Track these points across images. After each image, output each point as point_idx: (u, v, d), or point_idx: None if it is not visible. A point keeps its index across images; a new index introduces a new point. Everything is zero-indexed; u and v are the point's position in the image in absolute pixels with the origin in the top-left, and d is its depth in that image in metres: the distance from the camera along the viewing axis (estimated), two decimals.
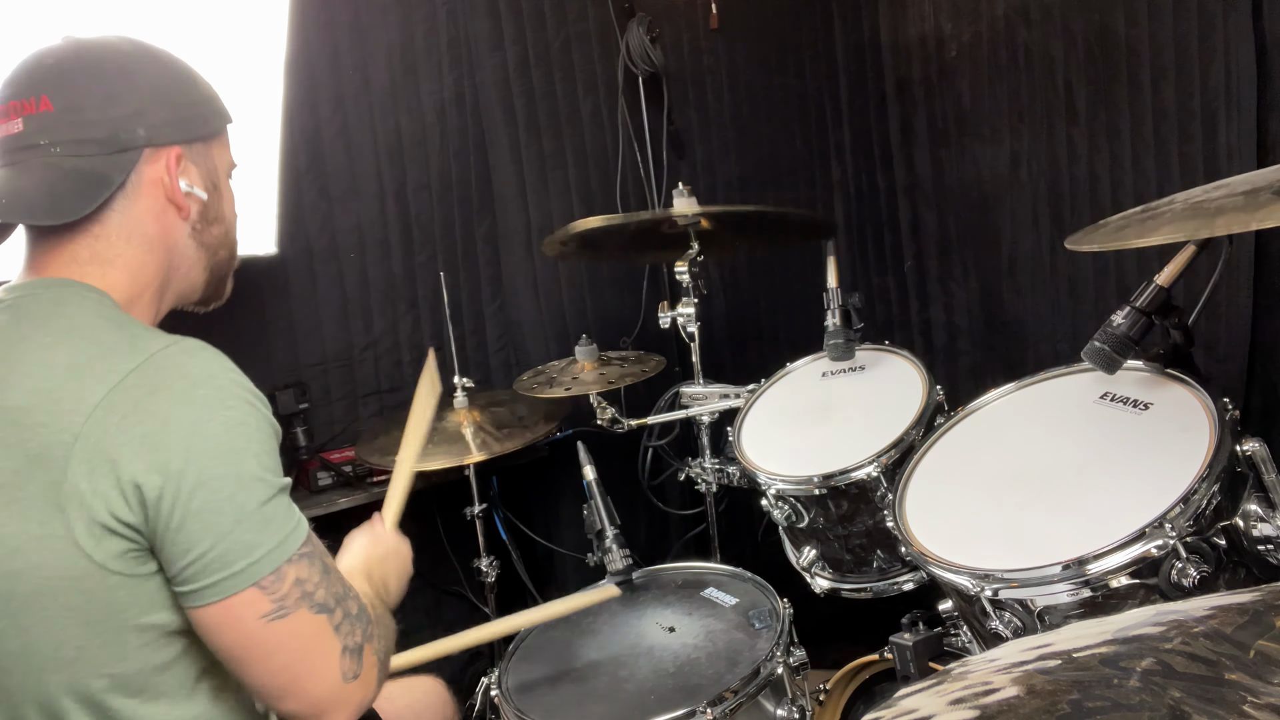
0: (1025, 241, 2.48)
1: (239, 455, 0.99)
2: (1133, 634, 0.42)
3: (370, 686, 1.10)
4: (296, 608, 1.01)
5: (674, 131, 2.66)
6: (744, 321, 2.77)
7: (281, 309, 2.33)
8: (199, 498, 0.96)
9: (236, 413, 1.00)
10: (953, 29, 2.57)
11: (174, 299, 1.19)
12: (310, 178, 2.32)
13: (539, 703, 1.53)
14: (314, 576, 1.03)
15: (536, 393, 2.14)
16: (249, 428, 1.01)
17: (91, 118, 1.06)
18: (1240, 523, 1.19)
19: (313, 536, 1.06)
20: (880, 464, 1.64)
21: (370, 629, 1.11)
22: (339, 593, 1.06)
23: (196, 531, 0.96)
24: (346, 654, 1.06)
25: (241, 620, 0.99)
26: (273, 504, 1.01)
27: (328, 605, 1.04)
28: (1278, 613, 0.42)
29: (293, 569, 1.01)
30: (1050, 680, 0.39)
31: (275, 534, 1.00)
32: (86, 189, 1.06)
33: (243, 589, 0.98)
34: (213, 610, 0.99)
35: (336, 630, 1.05)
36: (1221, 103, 1.93)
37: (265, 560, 0.99)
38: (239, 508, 0.98)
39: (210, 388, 1.00)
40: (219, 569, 0.97)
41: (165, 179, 1.11)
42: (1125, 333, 1.33)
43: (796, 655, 1.55)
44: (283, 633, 1.01)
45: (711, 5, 2.70)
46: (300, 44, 2.27)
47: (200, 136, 1.15)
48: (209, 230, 1.18)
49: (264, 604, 0.99)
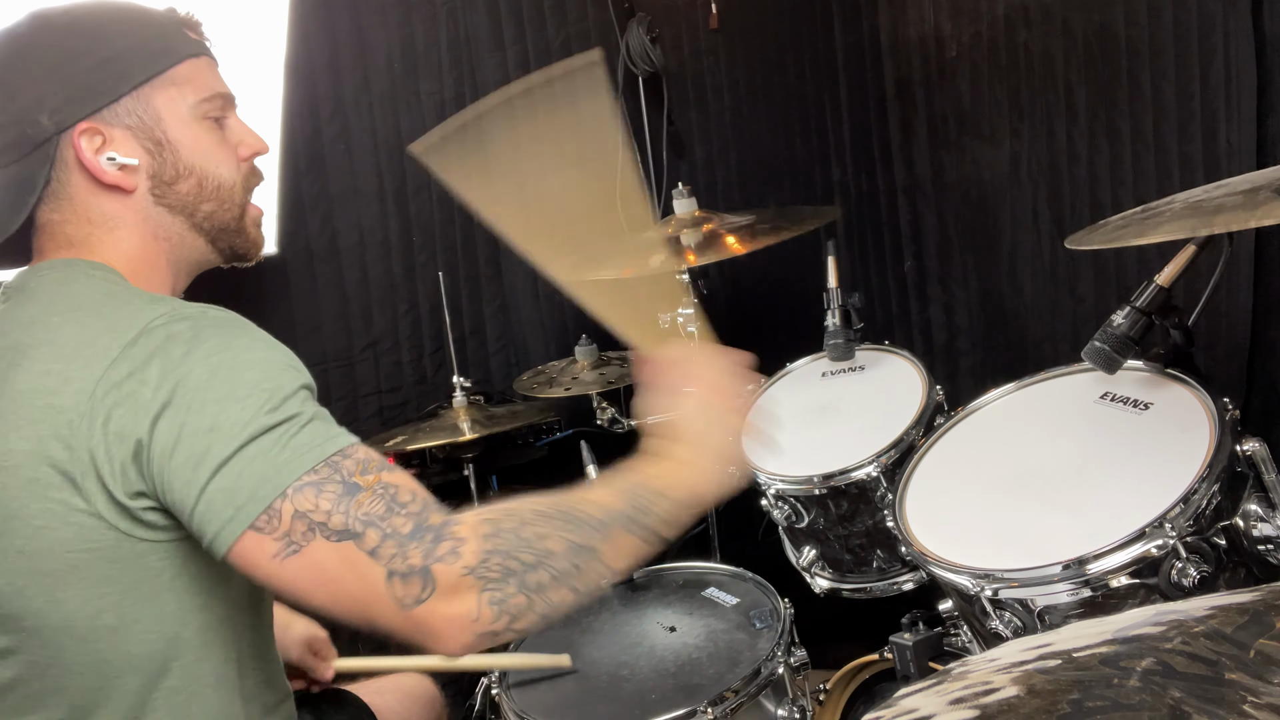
0: (1025, 241, 2.48)
1: (220, 403, 0.94)
2: (1133, 634, 0.42)
3: (464, 605, 0.94)
4: (308, 540, 0.94)
5: (674, 131, 2.65)
6: (744, 321, 2.76)
7: (281, 309, 2.33)
8: (179, 453, 0.93)
9: (223, 357, 0.95)
10: (953, 29, 2.57)
11: (189, 268, 1.14)
12: (310, 178, 2.32)
13: (539, 702, 1.53)
14: (323, 504, 0.94)
15: (536, 393, 2.14)
16: (238, 370, 0.95)
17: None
18: (1240, 523, 1.19)
19: (342, 457, 0.97)
20: (880, 464, 1.64)
21: (448, 545, 0.95)
22: (374, 513, 0.95)
23: (181, 487, 0.93)
24: (396, 579, 0.93)
25: (257, 565, 0.95)
26: (261, 441, 0.94)
27: (349, 530, 0.94)
28: (1278, 613, 0.42)
29: (290, 502, 0.93)
30: (1050, 680, 0.39)
31: (261, 471, 0.93)
32: (12, 201, 1.03)
33: (239, 535, 0.93)
34: (230, 560, 0.95)
35: (374, 555, 0.94)
36: (1221, 103, 1.93)
37: (252, 502, 0.93)
38: (217, 456, 0.93)
39: (199, 343, 0.96)
40: (212, 520, 0.94)
41: (80, 161, 1.03)
42: (1125, 333, 1.33)
43: (797, 655, 1.55)
44: (304, 566, 0.94)
45: (711, 5, 2.70)
46: (300, 45, 2.27)
47: (119, 94, 1.03)
48: (172, 191, 1.08)
49: (269, 544, 0.94)
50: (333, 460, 0.96)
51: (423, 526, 0.96)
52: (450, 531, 0.96)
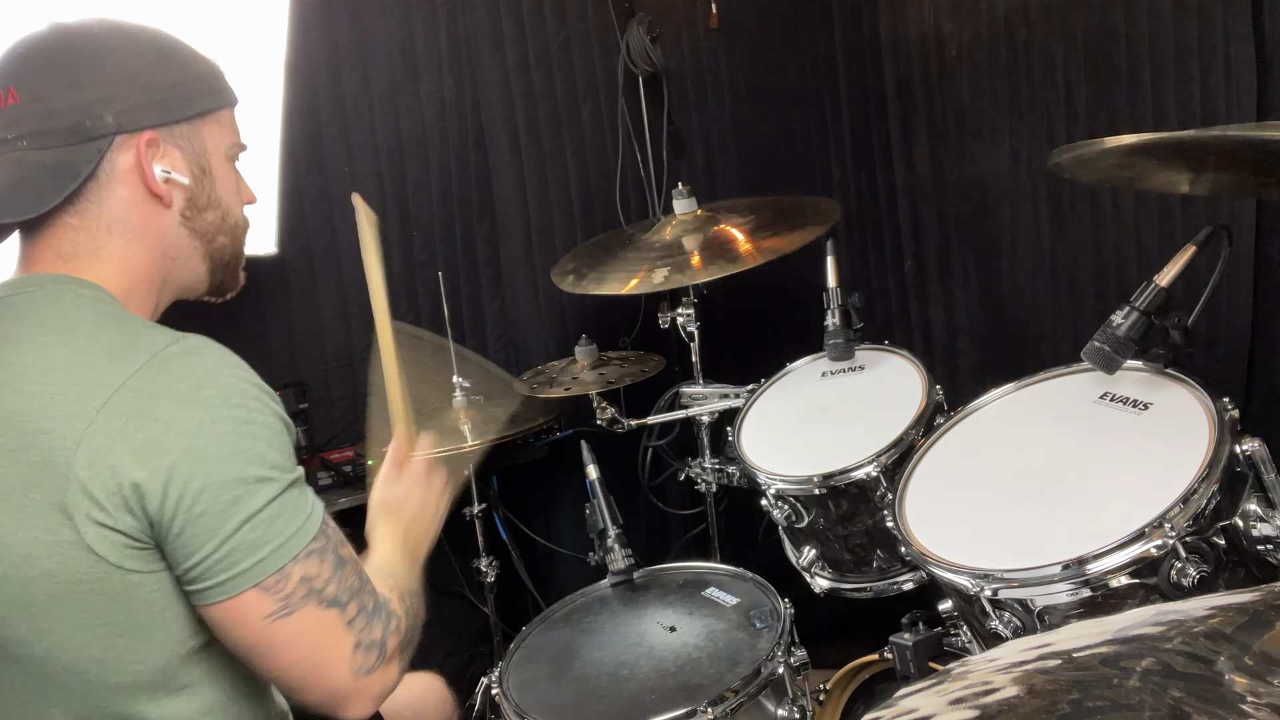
0: (1025, 241, 2.47)
1: (243, 457, 0.97)
2: (1133, 634, 0.42)
3: (390, 677, 1.09)
4: (302, 605, 0.99)
5: (674, 131, 2.65)
6: (744, 321, 2.76)
7: (281, 309, 2.33)
8: (202, 502, 0.95)
9: (242, 411, 0.98)
10: (953, 29, 2.57)
11: (175, 291, 1.16)
12: (310, 178, 2.32)
13: (539, 702, 1.53)
14: (323, 572, 1.01)
15: (536, 393, 2.14)
16: (256, 425, 0.99)
17: (56, 107, 1.02)
18: (1240, 523, 1.19)
19: (327, 528, 1.04)
20: (880, 464, 1.64)
21: (394, 622, 1.09)
22: (353, 585, 1.04)
23: (200, 535, 0.95)
24: (361, 649, 1.04)
25: (246, 620, 0.99)
26: (279, 501, 0.99)
27: (338, 600, 1.02)
28: (1278, 613, 0.42)
29: (299, 567, 0.99)
30: (1050, 680, 0.39)
31: (280, 533, 0.98)
32: (50, 182, 1.03)
33: (245, 590, 0.97)
34: (218, 609, 0.98)
35: (349, 625, 1.03)
36: (1221, 103, 1.93)
37: (268, 560, 0.97)
38: (243, 510, 0.96)
39: (214, 387, 0.98)
40: (222, 570, 0.96)
41: (139, 166, 1.06)
42: (1125, 333, 1.33)
43: (797, 655, 1.55)
44: (290, 630, 1.00)
45: (711, 5, 2.70)
46: (300, 44, 2.27)
47: (183, 118, 1.09)
48: (201, 217, 1.13)
49: (268, 604, 0.98)
50: (324, 528, 1.04)
51: (380, 602, 1.08)
52: (391, 608, 1.11)
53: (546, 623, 1.76)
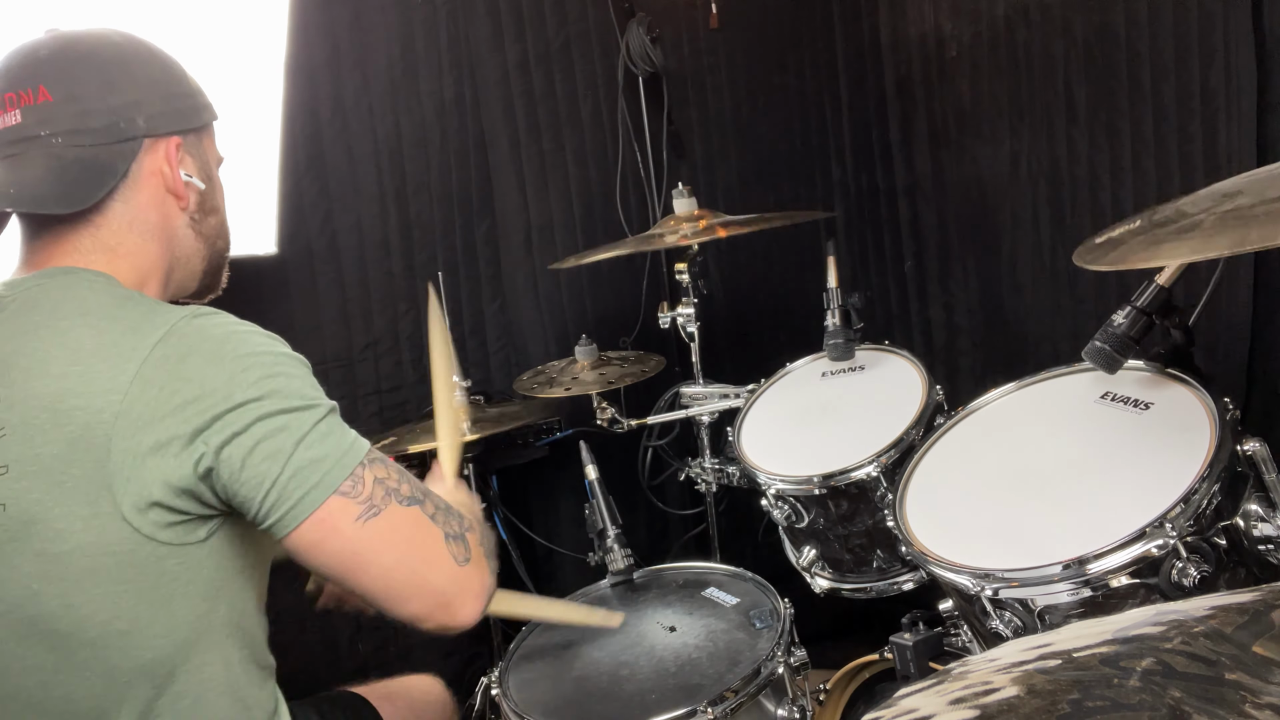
0: (1025, 241, 2.48)
1: (280, 389, 1.01)
2: (1133, 634, 0.42)
3: (484, 573, 1.13)
4: (386, 503, 1.04)
5: (674, 131, 2.65)
6: (744, 321, 2.76)
7: (281, 309, 2.33)
8: (253, 435, 0.98)
9: (266, 357, 1.03)
10: (953, 29, 2.57)
11: (175, 290, 1.21)
12: (310, 178, 2.32)
13: (539, 702, 1.52)
14: (392, 475, 1.06)
15: (536, 393, 2.14)
16: (283, 363, 1.03)
17: (91, 107, 1.07)
18: (1240, 523, 1.19)
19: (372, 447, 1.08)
20: (880, 464, 1.64)
21: (465, 520, 1.14)
22: (422, 487, 1.10)
23: (263, 466, 0.99)
24: (451, 540, 1.09)
25: (338, 529, 1.02)
26: (327, 420, 1.03)
27: (416, 497, 1.07)
28: (1278, 612, 0.42)
29: (369, 471, 1.04)
30: (1050, 680, 0.39)
31: (338, 444, 1.03)
32: (93, 178, 1.07)
33: (325, 499, 1.01)
34: (306, 529, 1.01)
35: (434, 519, 1.08)
36: (1221, 103, 1.93)
37: (338, 467, 1.02)
38: (295, 431, 1.00)
39: (235, 340, 1.02)
40: (296, 488, 1.00)
41: (165, 169, 1.13)
42: (1126, 332, 1.33)
43: (797, 655, 1.55)
44: (382, 529, 1.03)
45: (711, 5, 2.70)
46: (300, 44, 2.27)
47: (194, 127, 1.17)
48: (206, 220, 1.20)
49: (353, 507, 1.02)
50: (373, 448, 1.08)
51: (449, 506, 1.13)
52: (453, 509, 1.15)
53: (546, 623, 1.76)
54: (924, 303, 2.84)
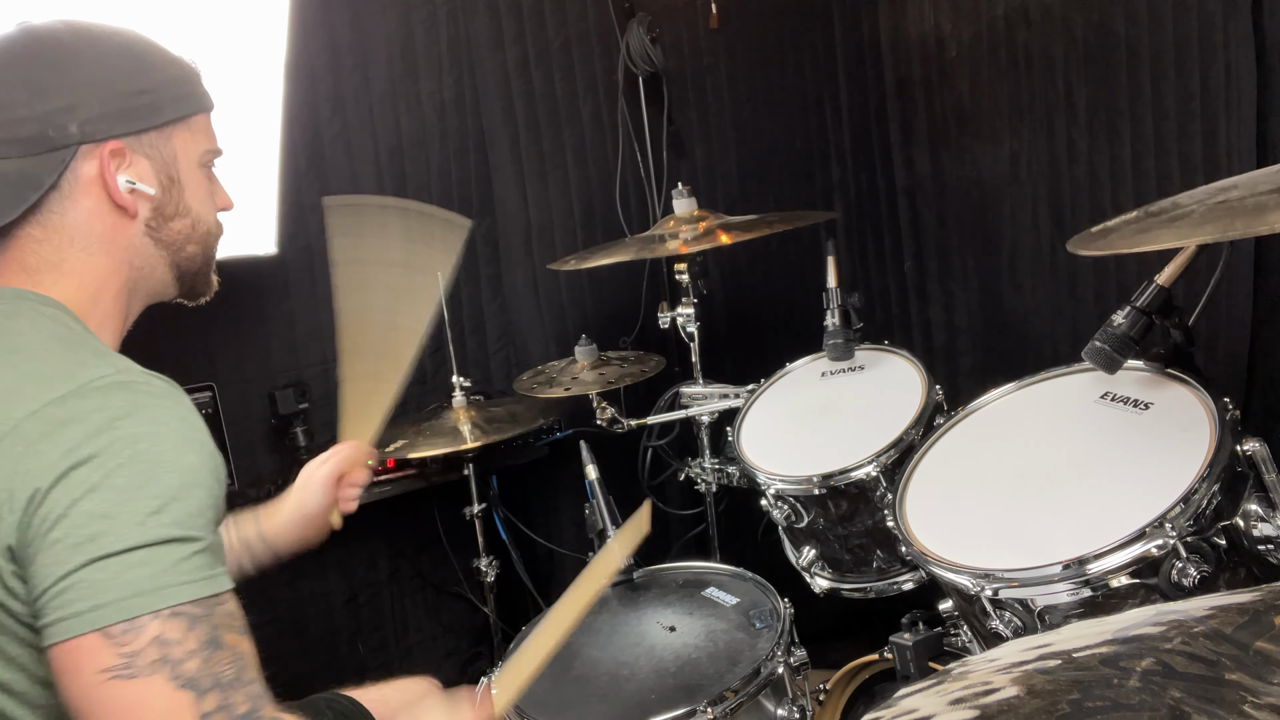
0: (1025, 241, 2.48)
1: (125, 494, 0.87)
2: (1133, 634, 0.42)
3: None
4: (150, 672, 0.85)
5: (674, 131, 2.65)
6: (744, 321, 2.76)
7: (281, 309, 2.33)
8: (60, 527, 0.86)
9: (149, 453, 0.90)
10: (953, 29, 2.57)
11: (144, 299, 1.14)
12: (310, 178, 2.32)
13: (539, 702, 1.52)
14: (188, 642, 0.87)
15: (536, 393, 2.14)
16: (159, 470, 0.90)
17: (19, 115, 1.00)
18: (1240, 523, 1.19)
19: (218, 607, 0.90)
20: (880, 464, 1.64)
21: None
22: (224, 676, 0.88)
23: (48, 563, 0.86)
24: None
25: (80, 670, 0.86)
26: (153, 551, 0.87)
27: (199, 684, 0.86)
28: (1278, 613, 0.42)
29: (157, 624, 0.86)
30: (1050, 680, 0.39)
31: (144, 580, 0.86)
32: (10, 194, 1.00)
33: (83, 633, 0.85)
34: (55, 653, 0.87)
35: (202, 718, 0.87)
36: (1221, 103, 1.93)
37: (118, 605, 0.85)
38: (102, 545, 0.86)
39: (130, 422, 0.91)
40: (61, 606, 0.86)
41: (102, 177, 1.04)
42: (1126, 332, 1.33)
43: (797, 655, 1.55)
44: (126, 698, 0.85)
45: (711, 5, 2.70)
46: (300, 44, 2.27)
47: (150, 126, 1.06)
48: (168, 226, 1.10)
49: (107, 656, 0.85)
50: (213, 601, 0.91)
51: (254, 713, 0.90)
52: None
53: None
54: (924, 303, 2.84)
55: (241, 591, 0.97)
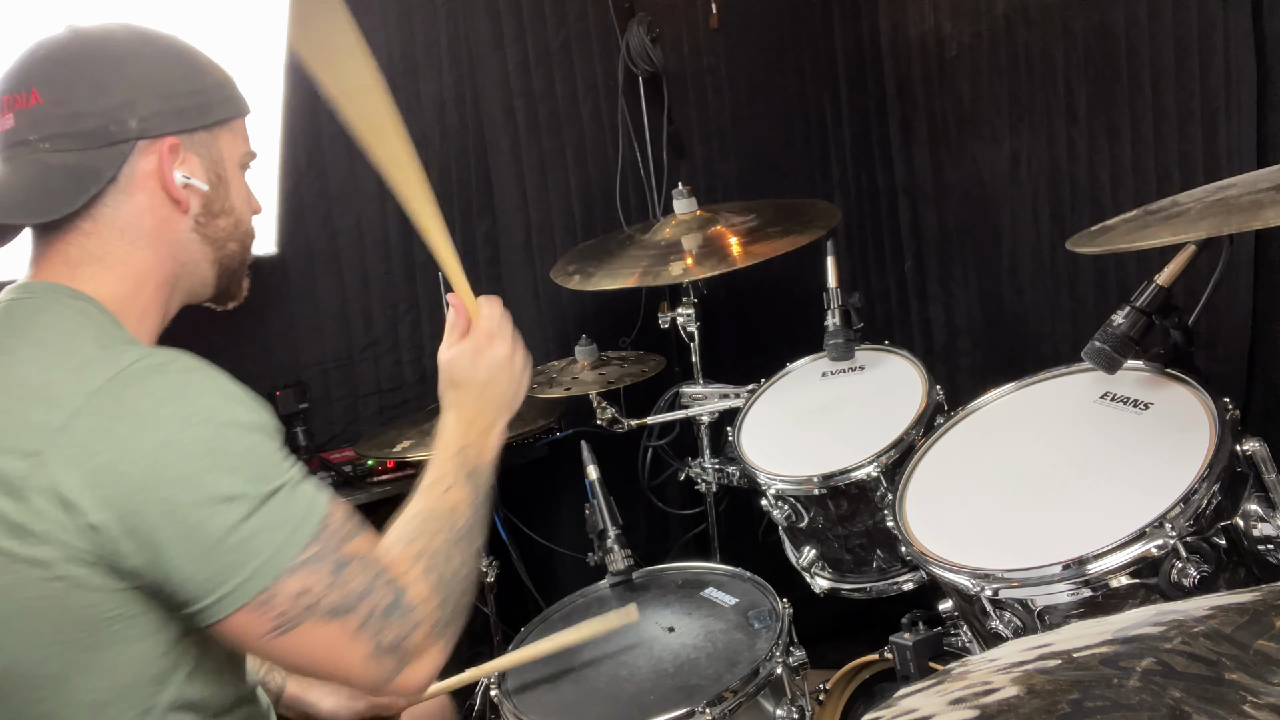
0: (1025, 241, 2.48)
1: (207, 477, 0.92)
2: (1133, 634, 0.42)
3: (421, 671, 1.04)
4: (301, 620, 0.95)
5: (674, 131, 2.65)
6: (744, 321, 2.76)
7: (281, 309, 2.33)
8: (168, 528, 0.91)
9: (206, 428, 0.94)
10: (953, 29, 2.57)
11: (184, 296, 1.16)
12: (310, 177, 2.32)
13: (538, 702, 1.53)
14: (319, 583, 0.96)
15: (536, 393, 2.14)
16: (224, 439, 0.95)
17: (80, 110, 1.02)
18: (1240, 523, 1.19)
19: (327, 528, 0.98)
20: (880, 464, 1.64)
21: (411, 618, 1.02)
22: (359, 587, 0.98)
23: (173, 560, 0.92)
24: (377, 655, 0.99)
25: (245, 638, 0.96)
26: (257, 517, 0.94)
27: (342, 608, 0.97)
28: (1278, 613, 0.42)
29: (291, 581, 0.94)
30: (1050, 680, 0.39)
31: (263, 550, 0.93)
32: (72, 185, 1.03)
33: (233, 611, 0.93)
34: (215, 630, 0.95)
35: (360, 630, 0.98)
36: (1221, 103, 1.93)
37: (253, 580, 0.93)
38: (213, 531, 0.92)
39: (177, 403, 0.94)
40: (206, 594, 0.93)
41: (159, 171, 1.07)
42: (1125, 332, 1.33)
43: (796, 655, 1.55)
44: (294, 644, 0.96)
45: (711, 5, 2.70)
46: None
47: (201, 125, 1.10)
48: (214, 223, 1.14)
49: (263, 622, 0.94)
50: (323, 533, 0.98)
51: (396, 600, 1.01)
52: (410, 599, 1.03)
53: (546, 623, 1.76)
54: (924, 303, 2.84)
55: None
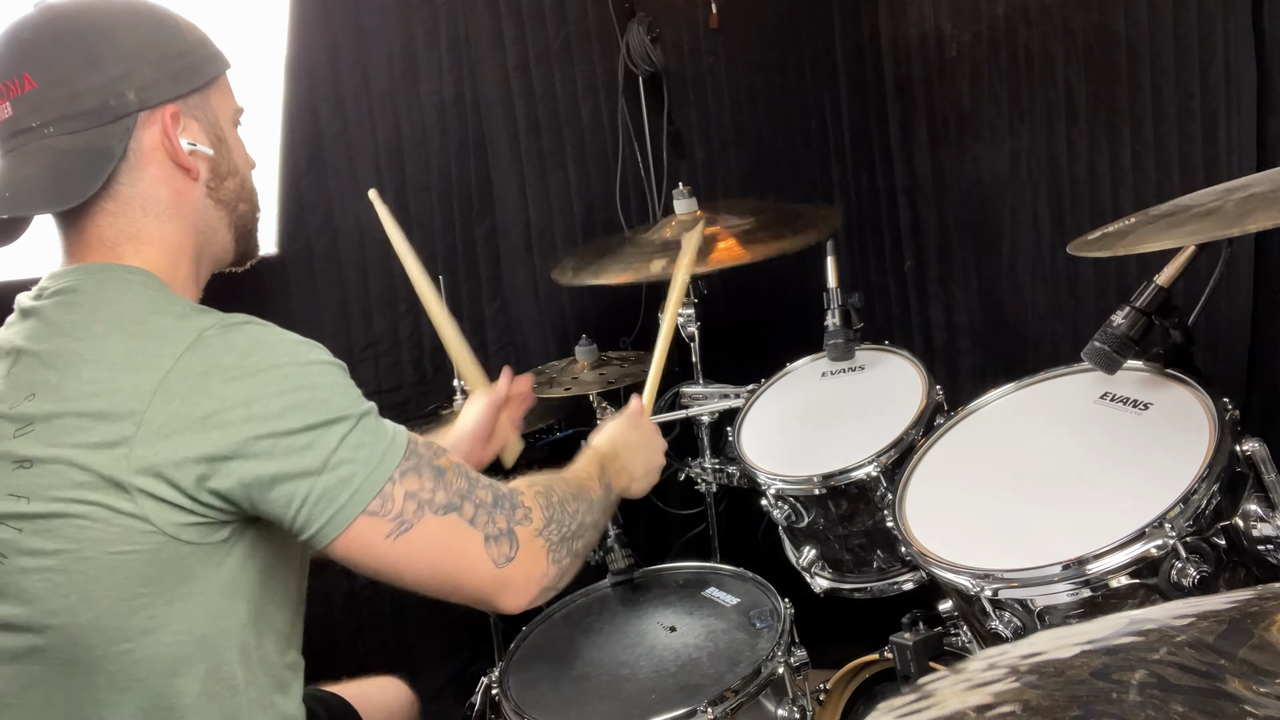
0: (1025, 241, 2.48)
1: (304, 408, 0.98)
2: (1114, 644, 0.41)
3: (536, 566, 1.11)
4: (418, 517, 1.03)
5: (674, 131, 2.65)
6: (744, 321, 2.76)
7: (281, 309, 2.32)
8: (277, 459, 0.97)
9: (291, 369, 1.00)
10: (953, 29, 2.57)
11: (210, 264, 1.17)
12: (310, 178, 2.32)
13: (539, 702, 1.53)
14: (425, 484, 1.04)
15: (537, 393, 2.14)
16: (309, 377, 1.00)
17: (79, 89, 1.01)
18: (1240, 523, 1.19)
19: (416, 445, 1.07)
20: (880, 464, 1.64)
21: (519, 511, 1.11)
22: (462, 488, 1.07)
23: (288, 487, 0.98)
24: (491, 541, 1.07)
25: (369, 546, 1.01)
26: (355, 433, 1.01)
27: (452, 504, 1.05)
28: (1255, 620, 0.42)
29: (399, 486, 1.02)
30: (1045, 696, 0.38)
31: (367, 461, 1.00)
32: (87, 167, 1.02)
33: (353, 519, 1.00)
34: (337, 545, 1.01)
35: (472, 523, 1.06)
36: (1221, 103, 1.93)
37: (365, 487, 1.00)
38: (320, 452, 0.98)
39: (260, 353, 0.99)
40: (324, 509, 0.99)
41: (166, 141, 1.06)
42: (1125, 333, 1.33)
43: (797, 655, 1.56)
44: (416, 543, 1.03)
45: (711, 5, 2.70)
46: (300, 44, 2.27)
47: (195, 88, 1.09)
48: (224, 185, 1.14)
49: (383, 525, 1.01)
50: (411, 447, 1.06)
51: (500, 495, 1.11)
52: (519, 500, 1.13)
53: (546, 623, 1.76)
54: (924, 303, 2.84)
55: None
